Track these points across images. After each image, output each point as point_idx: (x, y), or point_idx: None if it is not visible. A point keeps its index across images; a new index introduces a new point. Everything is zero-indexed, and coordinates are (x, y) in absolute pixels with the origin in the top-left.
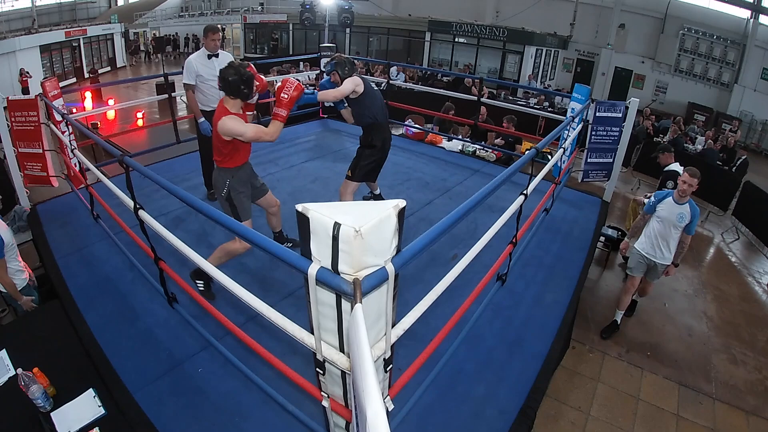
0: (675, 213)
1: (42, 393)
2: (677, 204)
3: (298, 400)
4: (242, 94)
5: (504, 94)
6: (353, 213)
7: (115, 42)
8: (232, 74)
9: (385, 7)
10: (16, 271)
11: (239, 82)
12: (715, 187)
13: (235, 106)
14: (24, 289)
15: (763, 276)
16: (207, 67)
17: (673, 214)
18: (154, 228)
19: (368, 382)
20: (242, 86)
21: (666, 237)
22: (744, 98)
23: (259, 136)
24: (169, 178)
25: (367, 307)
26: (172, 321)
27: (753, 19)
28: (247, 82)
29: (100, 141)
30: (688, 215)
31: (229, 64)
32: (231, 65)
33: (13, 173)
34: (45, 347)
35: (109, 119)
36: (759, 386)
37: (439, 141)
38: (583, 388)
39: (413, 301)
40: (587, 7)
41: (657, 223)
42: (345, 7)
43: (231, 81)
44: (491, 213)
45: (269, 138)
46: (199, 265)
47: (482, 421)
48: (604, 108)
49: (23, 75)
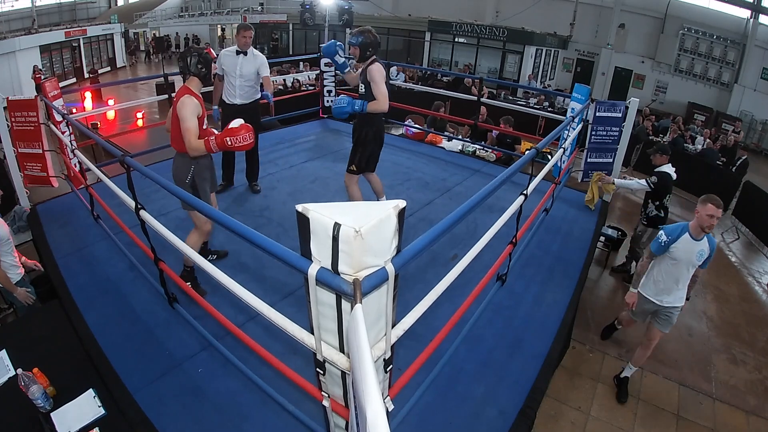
0: (694, 252)
1: (42, 393)
2: (695, 240)
3: (298, 401)
4: (201, 74)
5: (504, 94)
6: (353, 213)
7: (115, 42)
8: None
9: (385, 7)
10: (11, 266)
11: (197, 62)
12: (715, 187)
13: (197, 87)
14: (18, 283)
15: (763, 276)
16: (231, 62)
17: (691, 252)
18: (155, 228)
19: (368, 383)
20: (200, 65)
21: (679, 277)
22: (744, 98)
23: (187, 136)
24: (169, 178)
25: (367, 308)
26: (172, 321)
27: (753, 19)
28: (206, 62)
29: (101, 141)
30: (707, 250)
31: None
32: (191, 47)
33: (13, 173)
34: (45, 347)
35: (109, 119)
36: (759, 386)
37: (439, 141)
38: (583, 388)
39: (413, 301)
40: (587, 7)
41: (670, 265)
42: (345, 7)
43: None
44: (491, 213)
45: (188, 145)
46: (199, 265)
47: (482, 421)
48: (604, 108)
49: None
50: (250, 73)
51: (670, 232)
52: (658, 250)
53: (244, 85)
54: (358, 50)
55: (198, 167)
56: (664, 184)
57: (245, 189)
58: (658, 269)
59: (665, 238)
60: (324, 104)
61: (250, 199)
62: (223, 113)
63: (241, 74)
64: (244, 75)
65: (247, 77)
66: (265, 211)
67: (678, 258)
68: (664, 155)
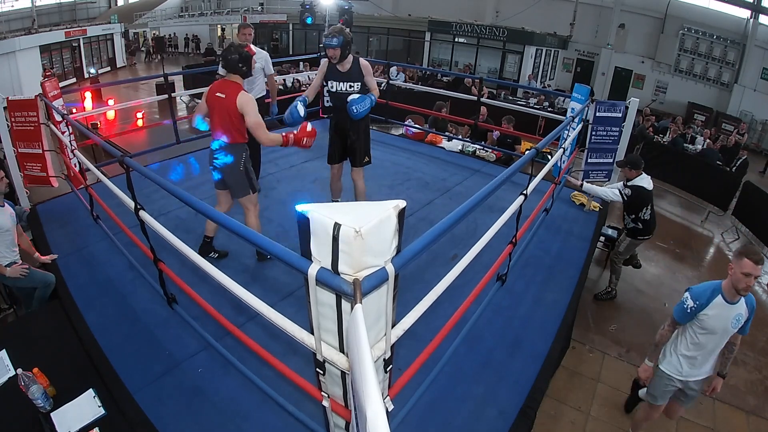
0: (730, 317)
1: (42, 393)
2: (731, 304)
3: (298, 401)
4: (241, 72)
5: (504, 94)
6: (353, 213)
7: (114, 42)
8: (231, 53)
9: (385, 7)
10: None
11: (238, 60)
12: (715, 187)
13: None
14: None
15: (763, 276)
16: None
17: (726, 319)
18: (154, 228)
19: (368, 383)
20: (240, 64)
21: (712, 349)
22: (744, 98)
23: (258, 129)
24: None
25: (367, 308)
26: (172, 321)
27: (753, 19)
28: (246, 60)
29: (101, 141)
30: (745, 313)
31: (229, 44)
32: (230, 45)
33: (13, 173)
34: (45, 347)
35: (109, 119)
36: (759, 386)
37: (439, 141)
38: (583, 388)
39: (413, 300)
40: (587, 7)
41: (700, 335)
42: (345, 7)
43: (231, 59)
44: (491, 213)
45: (264, 138)
46: (204, 268)
47: (482, 421)
48: (604, 108)
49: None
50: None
51: (698, 296)
52: (682, 318)
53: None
54: (339, 51)
55: (247, 155)
56: (638, 197)
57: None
58: (683, 340)
59: (692, 304)
60: (324, 104)
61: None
62: None
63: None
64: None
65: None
66: (265, 211)
67: (709, 327)
68: (633, 169)
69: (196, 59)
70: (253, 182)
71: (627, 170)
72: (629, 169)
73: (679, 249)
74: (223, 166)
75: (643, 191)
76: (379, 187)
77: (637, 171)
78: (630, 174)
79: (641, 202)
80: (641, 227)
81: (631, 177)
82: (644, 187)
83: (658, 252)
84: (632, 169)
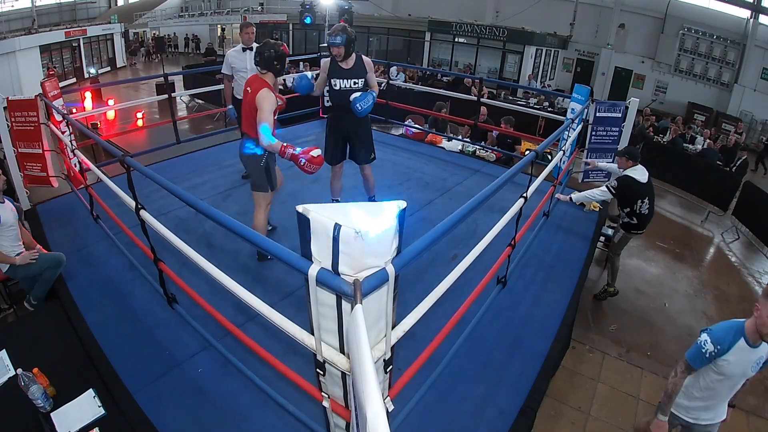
0: (751, 361)
1: (42, 393)
2: (753, 348)
3: (298, 401)
4: (275, 69)
5: (504, 94)
6: (354, 214)
7: (115, 42)
8: (267, 50)
9: (385, 7)
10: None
11: (273, 57)
12: (715, 187)
13: (272, 81)
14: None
15: (763, 276)
16: (239, 59)
17: (747, 363)
18: (155, 228)
19: (368, 384)
20: (275, 62)
21: (727, 393)
22: (744, 98)
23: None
24: (169, 178)
25: (367, 308)
26: (172, 321)
27: (753, 19)
28: (281, 58)
29: (101, 141)
30: (766, 355)
31: (266, 41)
32: (267, 42)
33: (13, 173)
34: (45, 347)
35: (109, 119)
36: (759, 386)
37: (439, 141)
38: (583, 388)
39: (414, 301)
40: (587, 7)
41: (716, 380)
42: (345, 7)
43: (266, 56)
44: (491, 213)
45: (262, 136)
46: (204, 268)
47: (482, 422)
48: (604, 108)
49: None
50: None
51: (718, 340)
52: (699, 363)
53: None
54: (344, 48)
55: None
56: (627, 187)
57: (246, 189)
58: (695, 382)
59: (712, 349)
60: (324, 104)
61: (251, 199)
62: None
63: (252, 69)
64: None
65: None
66: None
67: (727, 373)
68: (630, 160)
69: (196, 59)
70: (271, 180)
71: (624, 160)
72: (626, 159)
73: (679, 249)
74: (244, 158)
75: (631, 181)
76: (379, 187)
77: (633, 162)
78: (626, 164)
79: (631, 193)
80: (635, 222)
81: (626, 167)
82: (634, 177)
83: (658, 252)
84: (628, 159)
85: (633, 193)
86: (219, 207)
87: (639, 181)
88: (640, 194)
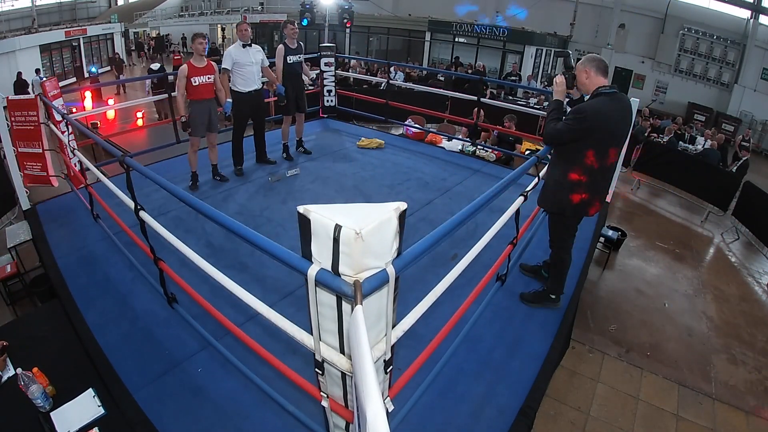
0: None
1: (42, 393)
2: None
3: (298, 400)
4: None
5: (504, 94)
6: (354, 215)
7: (115, 42)
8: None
9: (385, 7)
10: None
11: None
12: (715, 188)
13: (200, 62)
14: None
15: (763, 276)
16: (243, 54)
17: None
18: (154, 228)
19: (368, 384)
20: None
21: None
22: (744, 98)
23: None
24: (169, 178)
25: (367, 309)
26: (172, 321)
27: (753, 19)
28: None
29: (100, 141)
30: None
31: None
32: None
33: (13, 173)
34: (45, 347)
35: (108, 119)
36: (759, 386)
37: (439, 141)
38: (583, 388)
39: (413, 301)
40: (587, 7)
41: None
42: (345, 7)
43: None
44: (491, 213)
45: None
46: (204, 269)
47: (482, 421)
48: None
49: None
50: (259, 60)
51: None
52: None
53: (259, 71)
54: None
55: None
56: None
57: (245, 189)
58: None
59: None
60: (324, 104)
61: (251, 199)
62: (241, 103)
63: (255, 61)
64: (256, 62)
65: (259, 64)
66: (265, 211)
67: None
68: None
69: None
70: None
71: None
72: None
73: (679, 249)
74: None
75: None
76: (379, 187)
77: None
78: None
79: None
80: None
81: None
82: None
83: (658, 252)
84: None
85: None
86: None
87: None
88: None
